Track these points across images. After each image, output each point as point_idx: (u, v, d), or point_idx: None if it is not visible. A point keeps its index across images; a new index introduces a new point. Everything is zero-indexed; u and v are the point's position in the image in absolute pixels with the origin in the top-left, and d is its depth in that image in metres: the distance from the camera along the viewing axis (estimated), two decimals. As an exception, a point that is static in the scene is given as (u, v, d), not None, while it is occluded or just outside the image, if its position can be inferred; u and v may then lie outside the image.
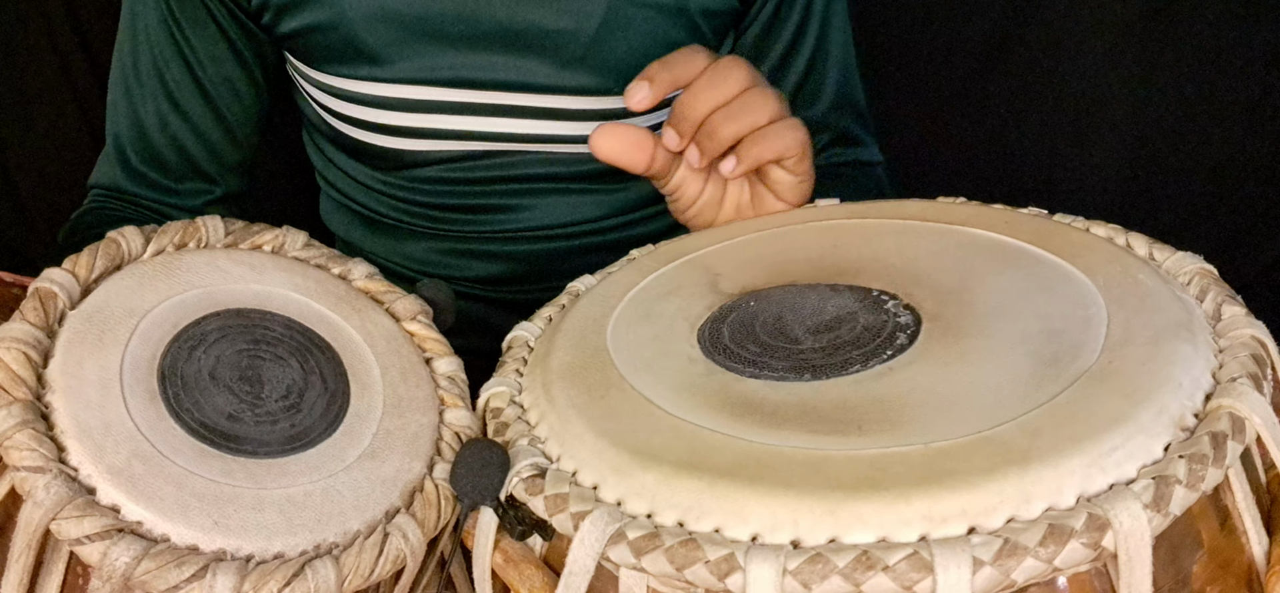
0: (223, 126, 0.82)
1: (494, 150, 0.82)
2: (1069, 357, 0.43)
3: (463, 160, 0.82)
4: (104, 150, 0.83)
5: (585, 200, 0.85)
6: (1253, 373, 0.41)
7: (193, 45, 0.79)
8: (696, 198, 0.64)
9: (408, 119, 0.79)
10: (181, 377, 0.47)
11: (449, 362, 0.54)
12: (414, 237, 0.88)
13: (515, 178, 0.84)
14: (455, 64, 0.77)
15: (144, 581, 0.40)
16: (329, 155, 0.89)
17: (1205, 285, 0.47)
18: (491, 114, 0.79)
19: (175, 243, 0.52)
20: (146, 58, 0.79)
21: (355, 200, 0.89)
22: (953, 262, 0.52)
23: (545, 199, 0.85)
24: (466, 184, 0.84)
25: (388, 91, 0.78)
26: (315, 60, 0.78)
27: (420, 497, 0.47)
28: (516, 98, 0.78)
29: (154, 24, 0.79)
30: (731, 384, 0.46)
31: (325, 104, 0.81)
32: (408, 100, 0.78)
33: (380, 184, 0.86)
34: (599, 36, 0.76)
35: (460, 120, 0.79)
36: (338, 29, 0.75)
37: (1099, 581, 0.37)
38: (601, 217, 0.86)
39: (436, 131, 0.80)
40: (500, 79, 0.77)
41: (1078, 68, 1.15)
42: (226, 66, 0.80)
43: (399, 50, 0.76)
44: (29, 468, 0.41)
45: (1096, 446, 0.38)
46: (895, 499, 0.37)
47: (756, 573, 0.37)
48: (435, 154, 0.82)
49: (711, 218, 0.65)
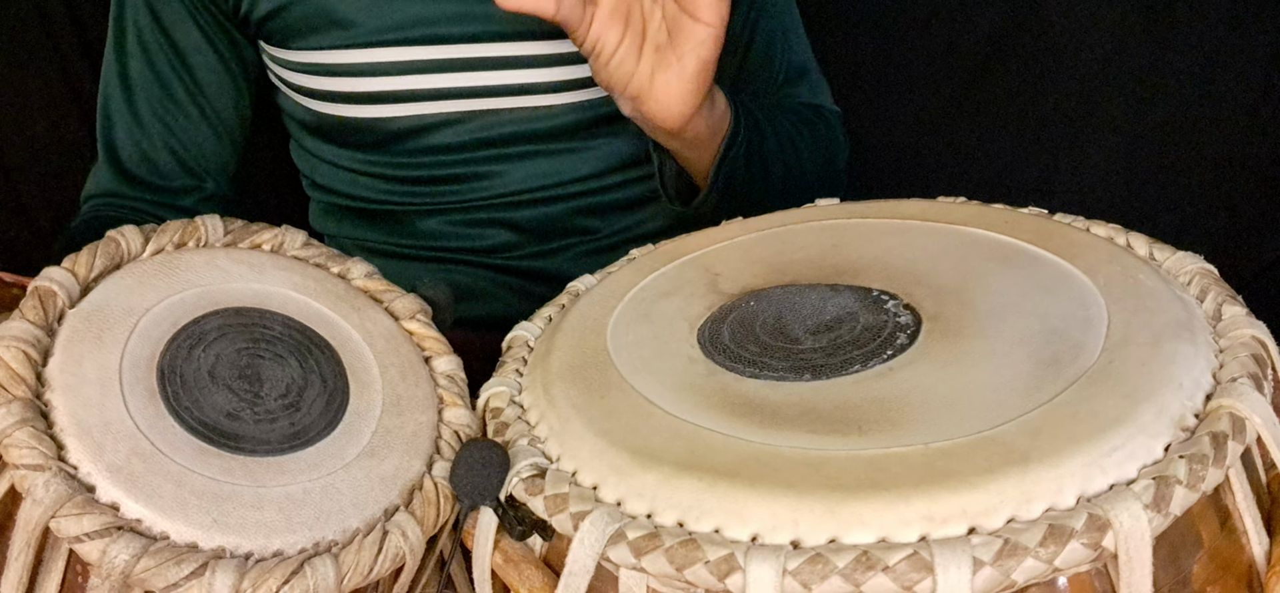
0: (212, 129, 0.84)
1: (468, 111, 0.83)
2: (1069, 357, 0.43)
3: (439, 127, 0.84)
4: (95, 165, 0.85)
5: (565, 159, 0.86)
6: (1253, 373, 0.41)
7: (179, 51, 0.81)
8: (616, 47, 0.65)
9: (382, 83, 0.81)
10: (181, 375, 0.47)
11: (448, 360, 0.54)
12: (407, 219, 0.89)
13: (491, 141, 0.85)
14: (422, 18, 0.79)
15: (143, 578, 0.40)
16: (315, 152, 0.90)
17: (1206, 285, 0.47)
18: (459, 69, 0.81)
19: (174, 242, 0.52)
20: (135, 66, 0.82)
21: (344, 194, 0.90)
22: (953, 262, 0.52)
23: (526, 161, 0.86)
24: (447, 152, 0.85)
25: (361, 57, 0.80)
26: (290, 37, 0.80)
27: (419, 495, 0.47)
28: (483, 49, 0.80)
29: (141, 32, 0.81)
30: (731, 384, 0.46)
31: (303, 85, 0.83)
32: (380, 63, 0.80)
33: (365, 166, 0.87)
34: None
35: (430, 79, 0.81)
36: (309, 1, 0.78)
37: (1099, 581, 0.37)
38: (586, 175, 0.87)
39: (409, 94, 0.82)
40: (467, 31, 0.79)
41: (1077, 68, 1.15)
42: (212, 70, 0.83)
43: (368, 11, 0.79)
44: (28, 466, 0.41)
45: (1097, 446, 0.38)
46: (895, 500, 0.37)
47: (756, 573, 0.37)
48: (411, 120, 0.83)
49: (631, 70, 0.65)
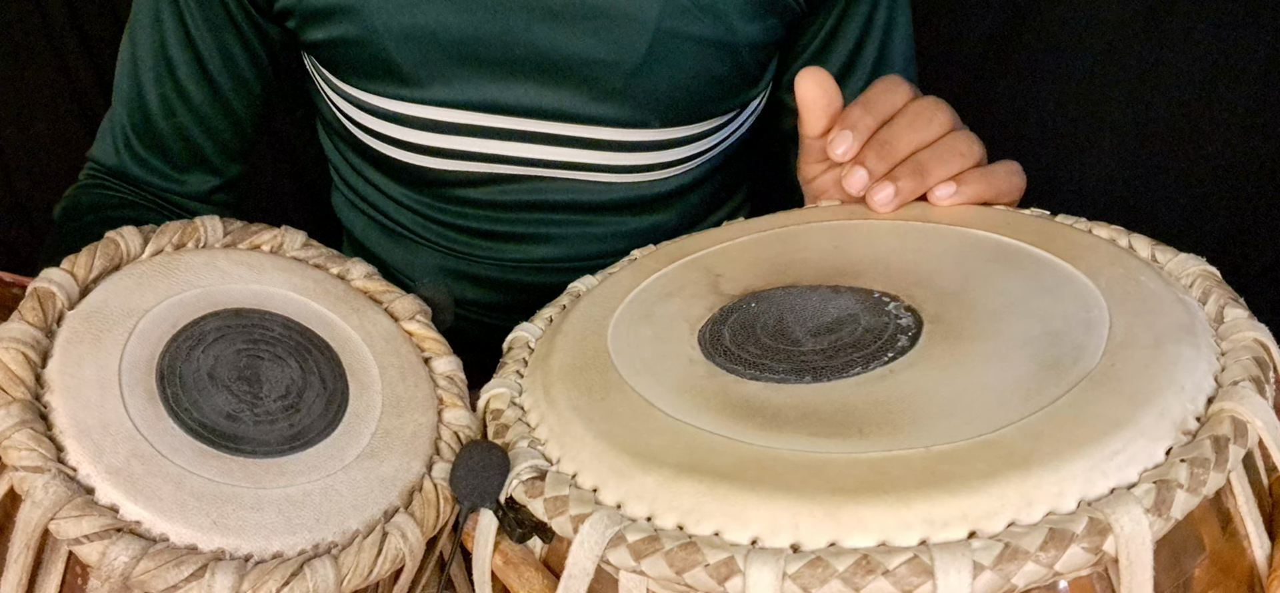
0: (228, 117, 0.80)
1: (521, 176, 0.80)
2: (1070, 359, 0.43)
3: (488, 183, 0.81)
4: (106, 125, 0.81)
5: (607, 231, 0.84)
6: (1255, 376, 0.41)
7: (203, 35, 0.77)
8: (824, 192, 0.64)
9: (435, 139, 0.77)
10: (180, 377, 0.47)
11: (448, 361, 0.54)
12: (428, 251, 0.87)
13: (540, 205, 0.82)
14: (489, 90, 0.74)
15: (142, 580, 0.40)
16: (347, 159, 0.88)
17: (1208, 288, 0.47)
18: (522, 140, 0.77)
19: (174, 243, 0.52)
20: (156, 45, 0.78)
21: (372, 205, 0.88)
22: (954, 263, 0.52)
23: (568, 229, 0.84)
24: (491, 208, 0.82)
25: (416, 112, 0.76)
26: (342, 72, 0.76)
27: (419, 496, 0.47)
28: (549, 126, 0.76)
29: (165, 12, 0.77)
30: (732, 386, 0.46)
31: (350, 115, 0.79)
32: (437, 122, 0.76)
33: (401, 197, 0.85)
34: (641, 69, 0.73)
35: (489, 144, 0.77)
36: (368, 45, 0.73)
37: (1100, 585, 0.37)
38: (622, 250, 0.85)
39: (464, 153, 0.78)
40: (534, 106, 0.75)
41: (1078, 68, 1.15)
42: (235, 57, 0.79)
43: (431, 72, 0.74)
44: (27, 468, 0.41)
45: (1098, 449, 0.38)
46: (896, 503, 0.37)
47: (756, 576, 0.36)
48: (462, 175, 0.80)
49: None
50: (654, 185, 0.82)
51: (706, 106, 0.78)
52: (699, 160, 0.82)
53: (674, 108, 0.76)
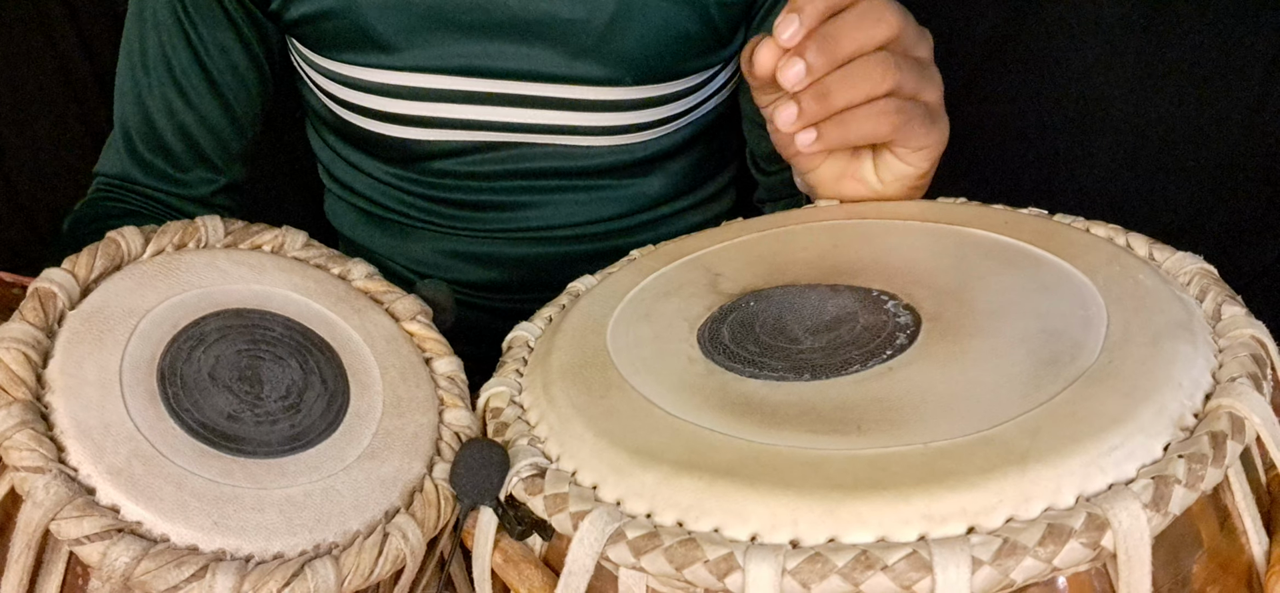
0: (229, 116, 0.82)
1: (503, 142, 0.82)
2: (1068, 356, 0.43)
3: (471, 153, 0.82)
4: (110, 137, 0.83)
5: (593, 198, 0.86)
6: (1252, 373, 0.41)
7: (201, 34, 0.79)
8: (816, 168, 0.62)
9: (417, 108, 0.79)
10: (181, 377, 0.47)
11: (448, 362, 0.54)
12: (419, 235, 0.88)
13: (523, 173, 0.84)
14: (466, 53, 0.77)
15: (143, 581, 0.40)
16: (335, 149, 0.89)
17: (1205, 285, 0.47)
18: (500, 103, 0.79)
19: (175, 243, 0.52)
20: (154, 46, 0.79)
21: (361, 196, 0.89)
22: (952, 262, 0.52)
23: (553, 196, 0.85)
24: (475, 178, 0.84)
25: (397, 80, 0.78)
26: (324, 47, 0.78)
27: (420, 497, 0.47)
28: (526, 87, 0.78)
29: (163, 13, 0.79)
30: (731, 384, 0.46)
31: (333, 93, 0.81)
32: (417, 89, 0.78)
33: (388, 177, 0.86)
34: (611, 26, 0.76)
35: (469, 110, 0.79)
36: (348, 15, 0.75)
37: (1098, 581, 0.37)
38: (609, 217, 0.87)
39: (445, 121, 0.80)
40: (510, 68, 0.77)
41: (1078, 67, 1.15)
42: (234, 56, 0.80)
43: (409, 38, 0.76)
44: (28, 468, 0.41)
45: (1096, 445, 0.38)
46: (894, 499, 0.37)
47: (755, 573, 0.37)
48: (444, 144, 0.82)
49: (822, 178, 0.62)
50: (634, 149, 0.84)
51: (680, 64, 0.79)
52: (680, 123, 0.84)
53: (647, 65, 0.78)
